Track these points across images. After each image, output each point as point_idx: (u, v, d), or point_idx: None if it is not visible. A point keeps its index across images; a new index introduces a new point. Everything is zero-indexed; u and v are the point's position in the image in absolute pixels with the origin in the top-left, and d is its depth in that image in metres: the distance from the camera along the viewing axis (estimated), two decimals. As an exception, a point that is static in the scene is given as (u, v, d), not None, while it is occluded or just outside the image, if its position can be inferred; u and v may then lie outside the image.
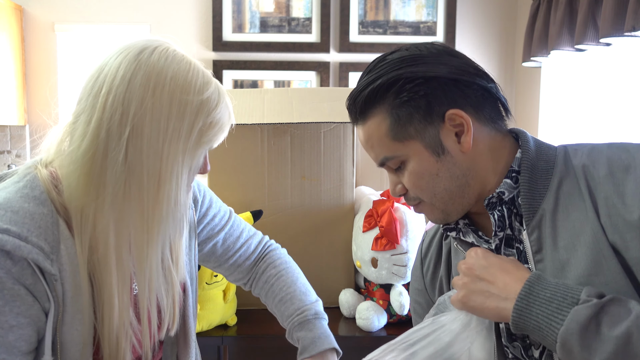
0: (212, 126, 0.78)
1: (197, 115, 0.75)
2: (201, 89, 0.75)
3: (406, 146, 0.75)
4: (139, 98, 0.71)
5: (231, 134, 1.31)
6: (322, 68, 2.44)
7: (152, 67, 0.73)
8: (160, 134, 0.72)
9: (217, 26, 2.40)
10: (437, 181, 0.75)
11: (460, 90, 0.73)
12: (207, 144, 0.79)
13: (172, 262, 0.87)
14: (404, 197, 0.81)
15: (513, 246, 0.76)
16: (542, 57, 1.99)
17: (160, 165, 0.73)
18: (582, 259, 0.66)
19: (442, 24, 2.45)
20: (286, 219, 1.42)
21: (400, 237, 1.32)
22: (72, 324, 0.73)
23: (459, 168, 0.75)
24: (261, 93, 1.47)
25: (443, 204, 0.77)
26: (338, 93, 1.50)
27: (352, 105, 0.79)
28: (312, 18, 2.44)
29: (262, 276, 1.08)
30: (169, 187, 0.74)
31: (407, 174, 0.76)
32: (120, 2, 2.36)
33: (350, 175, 1.44)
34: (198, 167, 0.80)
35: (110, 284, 0.75)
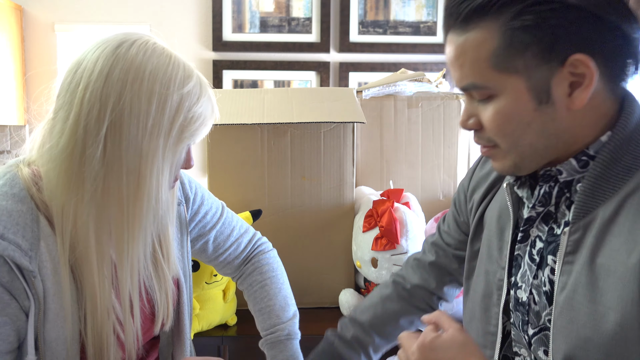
0: (194, 121, 0.75)
1: (177, 109, 0.73)
2: (182, 83, 0.74)
3: (505, 80, 0.62)
4: (116, 93, 0.69)
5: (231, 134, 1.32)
6: (322, 68, 2.44)
7: (131, 61, 0.71)
8: (139, 129, 0.71)
9: (217, 26, 2.40)
10: (525, 131, 0.63)
11: (598, 33, 0.59)
12: (189, 139, 0.77)
13: (163, 257, 0.87)
14: (474, 133, 0.70)
15: (548, 223, 0.69)
16: (542, 57, 1.99)
17: (140, 162, 0.72)
18: (614, 295, 0.58)
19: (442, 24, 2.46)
20: (286, 219, 1.42)
21: (400, 237, 1.32)
22: (55, 321, 0.73)
23: (555, 126, 0.63)
24: (261, 93, 1.47)
25: (520, 157, 0.66)
26: (338, 93, 1.50)
27: (455, 6, 0.63)
28: (312, 18, 2.44)
29: (247, 278, 1.08)
30: (150, 184, 0.73)
31: (492, 111, 0.64)
32: (120, 2, 2.36)
33: (350, 175, 1.44)
34: (180, 163, 0.79)
35: (92, 282, 0.74)
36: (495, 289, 0.75)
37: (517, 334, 0.73)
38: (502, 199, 0.77)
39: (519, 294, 0.72)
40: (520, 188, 0.72)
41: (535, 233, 0.71)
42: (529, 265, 0.71)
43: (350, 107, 1.40)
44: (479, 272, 0.80)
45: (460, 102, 1.61)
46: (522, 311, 0.71)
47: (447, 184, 1.62)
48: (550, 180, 0.67)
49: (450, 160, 1.61)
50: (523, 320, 0.71)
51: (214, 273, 1.25)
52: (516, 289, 0.72)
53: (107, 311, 0.76)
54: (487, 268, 0.78)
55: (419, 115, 1.60)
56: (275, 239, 1.17)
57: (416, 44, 2.43)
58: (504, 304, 0.74)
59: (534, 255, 0.70)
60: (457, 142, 1.61)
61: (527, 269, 0.71)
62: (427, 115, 1.60)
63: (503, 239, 0.76)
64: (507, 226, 0.75)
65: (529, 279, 0.70)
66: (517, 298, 0.72)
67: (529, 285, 0.70)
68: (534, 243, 0.71)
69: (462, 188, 0.91)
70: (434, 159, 1.61)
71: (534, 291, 0.70)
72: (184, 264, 0.95)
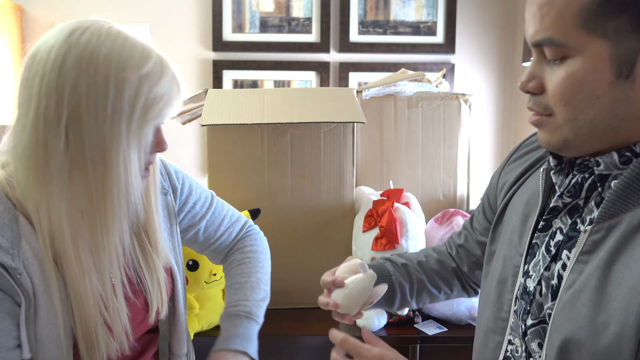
0: (157, 101, 0.74)
1: (137, 91, 0.71)
2: (139, 64, 0.72)
3: (589, 41, 0.56)
4: (72, 82, 0.68)
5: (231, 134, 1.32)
6: (322, 68, 2.44)
7: (84, 47, 0.70)
8: (99, 116, 0.69)
9: (217, 26, 2.40)
10: (591, 105, 0.58)
11: None
12: (154, 120, 0.75)
13: (152, 246, 0.86)
14: (530, 98, 0.65)
15: (573, 217, 0.66)
16: (542, 57, 1.99)
17: (104, 149, 0.71)
18: (620, 305, 0.56)
19: (442, 24, 2.45)
20: (286, 219, 1.42)
21: (400, 237, 1.32)
22: (47, 318, 0.73)
23: (625, 107, 0.58)
24: (261, 93, 1.47)
25: (574, 134, 0.61)
26: (338, 93, 1.50)
27: None
28: (312, 18, 2.44)
29: (229, 258, 1.07)
30: (117, 171, 0.72)
31: (562, 74, 0.59)
32: (120, 2, 2.36)
33: (350, 175, 1.44)
34: (148, 146, 0.77)
35: (73, 274, 0.74)
36: (511, 275, 0.74)
37: (516, 322, 0.72)
38: (533, 185, 0.75)
39: (528, 282, 0.70)
40: (556, 174, 0.69)
41: (558, 225, 0.68)
42: (544, 255, 0.69)
43: (350, 107, 1.40)
44: (498, 257, 0.79)
45: (460, 102, 1.61)
46: (526, 300, 0.70)
47: (447, 184, 1.62)
48: (586, 171, 0.63)
49: (450, 160, 1.61)
50: (525, 309, 0.70)
51: (213, 272, 1.25)
52: (527, 277, 0.71)
53: (93, 303, 0.75)
54: (506, 253, 0.76)
55: (419, 115, 1.60)
56: (275, 239, 1.17)
57: (416, 44, 2.43)
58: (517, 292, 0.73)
59: (551, 247, 0.68)
60: (457, 142, 1.61)
61: (540, 259, 0.69)
62: (427, 115, 1.60)
63: (526, 225, 0.74)
64: (533, 213, 0.73)
65: (540, 269, 0.69)
66: (525, 286, 0.70)
67: (538, 276, 0.69)
68: (554, 234, 0.68)
69: (497, 172, 0.89)
70: (434, 159, 1.61)
71: (543, 282, 0.68)
72: (176, 253, 0.95)
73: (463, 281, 0.98)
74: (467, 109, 1.61)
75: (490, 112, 2.52)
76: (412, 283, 0.96)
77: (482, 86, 2.51)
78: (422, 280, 0.97)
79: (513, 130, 2.55)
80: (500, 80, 2.52)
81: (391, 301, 0.96)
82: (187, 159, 2.40)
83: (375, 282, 0.85)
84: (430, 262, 0.99)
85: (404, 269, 0.97)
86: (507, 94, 2.53)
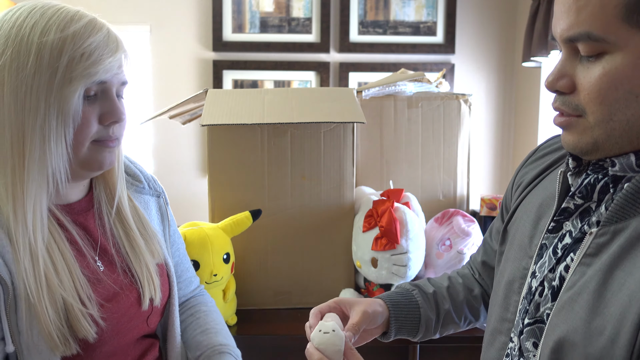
0: (84, 58, 0.73)
1: (60, 51, 0.72)
2: (65, 26, 0.73)
3: (631, 36, 0.53)
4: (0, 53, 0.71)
5: (231, 134, 1.32)
6: (322, 68, 2.44)
7: (14, 21, 0.73)
8: (20, 81, 0.71)
9: (217, 26, 2.40)
10: (628, 105, 0.55)
11: None
12: (82, 79, 0.73)
13: (132, 230, 0.88)
14: (558, 97, 0.62)
15: (584, 220, 0.64)
16: (542, 57, 1.99)
17: (23, 114, 0.72)
18: (616, 310, 0.55)
19: (442, 24, 2.45)
20: (286, 219, 1.42)
21: (400, 237, 1.32)
22: (28, 309, 0.72)
23: None
24: (261, 93, 1.47)
25: (605, 135, 0.58)
26: (338, 93, 1.50)
27: None
28: (312, 18, 2.44)
29: (190, 309, 1.07)
30: (32, 136, 0.72)
31: (599, 72, 0.56)
32: (120, 2, 2.36)
33: (350, 175, 1.44)
34: (74, 112, 0.74)
35: (27, 250, 0.73)
36: (519, 277, 0.73)
37: (517, 321, 0.72)
38: (548, 187, 0.73)
39: (533, 283, 0.70)
40: (573, 176, 0.67)
41: (568, 227, 0.67)
42: (550, 257, 0.68)
43: (350, 107, 1.40)
44: (507, 258, 0.78)
45: (460, 102, 1.61)
46: (528, 299, 0.70)
47: (447, 184, 1.62)
48: (600, 171, 0.62)
49: (450, 160, 1.61)
50: (525, 308, 0.70)
51: (213, 273, 1.25)
52: (532, 278, 0.71)
53: (58, 289, 0.74)
54: (515, 255, 0.76)
55: (419, 115, 1.60)
56: (275, 239, 1.17)
57: (416, 44, 2.43)
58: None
59: (558, 249, 0.67)
60: (457, 142, 1.61)
61: (546, 261, 0.69)
62: (427, 115, 1.60)
63: (537, 227, 0.72)
64: (546, 215, 0.71)
65: (545, 271, 0.68)
66: (530, 286, 0.70)
67: (542, 277, 0.69)
68: (563, 237, 0.67)
69: (513, 176, 0.88)
70: (434, 159, 1.61)
71: (545, 283, 0.68)
72: (166, 253, 0.96)
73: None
74: (467, 109, 1.61)
75: (490, 112, 2.52)
76: (439, 315, 0.93)
77: (482, 86, 2.51)
78: (449, 312, 0.93)
79: (513, 130, 2.55)
80: (500, 80, 2.52)
81: (414, 333, 0.92)
82: (187, 159, 2.40)
83: (401, 311, 0.90)
84: (458, 289, 0.96)
85: (433, 299, 0.93)
86: (507, 94, 2.53)
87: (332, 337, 0.75)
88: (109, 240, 0.86)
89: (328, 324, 0.77)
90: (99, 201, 0.88)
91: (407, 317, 0.90)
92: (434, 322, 0.93)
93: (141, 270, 0.87)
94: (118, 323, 0.82)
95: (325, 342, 0.75)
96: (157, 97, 2.36)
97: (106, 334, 0.80)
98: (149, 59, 2.35)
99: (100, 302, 0.80)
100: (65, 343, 0.73)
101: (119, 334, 0.83)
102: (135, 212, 0.92)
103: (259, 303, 1.46)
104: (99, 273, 0.82)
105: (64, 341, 0.73)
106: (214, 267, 1.25)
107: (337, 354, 0.75)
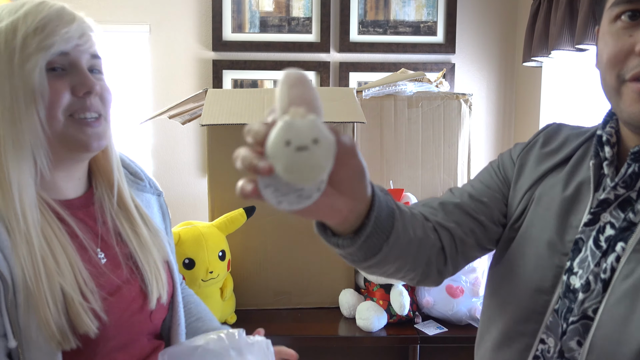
0: (37, 32, 0.74)
1: (14, 32, 0.74)
2: (17, 9, 0.75)
3: None
4: None
5: (231, 134, 1.31)
6: (322, 68, 2.44)
7: None
8: None
9: (217, 26, 2.39)
10: None
11: None
12: (37, 54, 0.74)
13: (135, 222, 0.88)
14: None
15: (625, 210, 0.65)
16: (543, 57, 1.99)
17: None
18: None
19: (442, 24, 2.45)
20: (286, 219, 1.42)
21: (401, 237, 1.31)
22: (27, 300, 0.72)
23: None
24: (261, 93, 1.47)
25: None
26: (338, 93, 1.49)
27: None
28: (312, 18, 2.44)
29: (183, 299, 1.07)
30: (4, 120, 0.73)
31: None
32: (120, 2, 2.36)
33: (350, 175, 1.44)
34: (40, 87, 0.75)
35: (22, 248, 0.73)
36: (551, 275, 0.70)
37: (555, 321, 0.69)
38: (568, 179, 0.72)
39: (572, 280, 0.67)
40: (608, 166, 0.67)
41: (607, 219, 0.66)
42: (592, 251, 0.66)
43: (350, 107, 1.40)
44: (523, 253, 0.75)
45: (460, 102, 1.61)
46: (570, 298, 0.67)
47: (447, 184, 1.62)
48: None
49: (450, 160, 1.61)
50: (568, 308, 0.67)
51: (209, 270, 1.25)
52: (570, 275, 0.68)
53: (57, 281, 0.74)
54: (539, 251, 0.72)
55: (419, 115, 1.59)
56: (275, 239, 1.17)
57: (416, 44, 2.43)
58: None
59: (601, 242, 0.66)
60: (457, 142, 1.61)
61: (588, 255, 0.66)
62: (427, 115, 1.59)
63: (567, 222, 0.70)
64: (576, 209, 0.70)
65: (589, 266, 0.66)
66: (568, 284, 0.67)
67: (587, 272, 0.66)
68: (603, 229, 0.66)
69: (510, 155, 0.84)
70: (434, 158, 1.61)
71: (591, 278, 0.65)
72: (172, 253, 0.97)
73: (446, 262, 0.77)
74: (467, 109, 1.61)
75: (491, 112, 2.52)
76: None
77: (483, 86, 2.51)
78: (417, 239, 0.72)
79: (513, 130, 2.54)
80: (500, 80, 2.52)
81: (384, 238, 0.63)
82: (187, 159, 2.39)
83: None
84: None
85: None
86: (508, 94, 2.53)
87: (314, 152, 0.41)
88: (111, 234, 0.86)
89: (300, 110, 0.43)
90: (100, 196, 0.88)
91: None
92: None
93: (148, 264, 0.87)
94: (121, 317, 0.82)
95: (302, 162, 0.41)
96: (157, 97, 2.35)
97: (108, 329, 0.79)
98: (149, 58, 2.35)
99: (103, 296, 0.79)
100: (63, 336, 0.73)
101: (121, 329, 0.82)
102: (138, 208, 0.92)
103: (259, 303, 1.46)
104: (101, 266, 0.82)
105: (61, 334, 0.72)
106: (210, 264, 1.25)
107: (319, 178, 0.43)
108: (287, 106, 0.44)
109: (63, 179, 0.83)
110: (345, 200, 0.53)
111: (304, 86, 0.45)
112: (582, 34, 1.67)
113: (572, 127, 0.82)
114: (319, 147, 0.41)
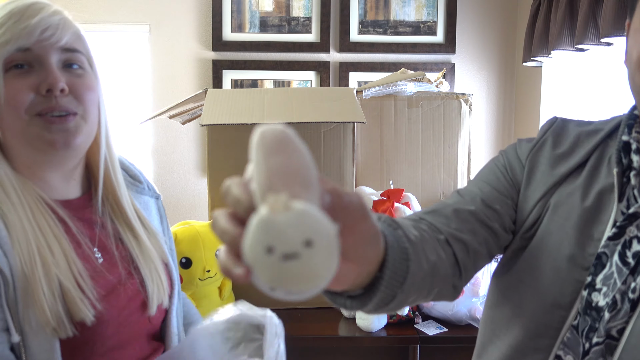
0: (1, 23, 0.74)
1: None
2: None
3: None
4: None
5: (231, 134, 1.31)
6: (322, 68, 2.44)
7: None
8: None
9: (217, 26, 2.39)
10: None
11: None
12: (6, 44, 0.74)
13: (142, 224, 0.89)
14: None
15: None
16: (543, 57, 1.99)
17: None
18: None
19: (442, 24, 2.45)
20: (286, 219, 1.42)
21: (401, 237, 1.31)
22: (25, 289, 0.72)
23: None
24: (261, 93, 1.47)
25: None
26: (338, 93, 1.49)
27: None
28: (312, 18, 2.44)
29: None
30: None
31: None
32: (120, 2, 2.36)
33: (350, 175, 1.43)
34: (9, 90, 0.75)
35: (19, 237, 0.74)
36: (570, 291, 0.66)
37: (575, 339, 0.65)
38: (587, 187, 0.68)
39: (595, 296, 0.63)
40: (637, 177, 0.63)
41: (634, 232, 0.62)
42: (619, 268, 0.62)
43: (350, 107, 1.40)
44: (538, 265, 0.70)
45: (460, 102, 1.60)
46: (593, 316, 0.63)
47: (447, 183, 1.62)
48: None
49: (450, 160, 1.61)
50: (591, 326, 0.63)
51: (206, 269, 1.25)
52: (592, 291, 0.64)
53: (56, 276, 0.74)
54: (557, 264, 0.68)
55: (419, 115, 1.59)
56: (275, 239, 1.17)
57: (416, 44, 2.43)
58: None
59: (628, 258, 0.62)
60: (457, 142, 1.61)
61: (614, 271, 0.63)
62: (427, 115, 1.59)
63: (588, 234, 0.66)
64: (599, 220, 0.66)
65: (616, 283, 0.62)
66: (589, 301, 0.64)
67: (612, 290, 0.62)
68: (629, 243, 0.62)
69: (517, 155, 0.78)
70: (434, 158, 1.61)
71: (618, 296, 0.62)
72: (170, 256, 0.96)
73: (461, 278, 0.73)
74: (467, 108, 1.61)
75: (490, 112, 2.52)
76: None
77: (483, 86, 2.51)
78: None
79: (513, 130, 2.54)
80: (500, 80, 2.52)
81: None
82: (187, 159, 2.39)
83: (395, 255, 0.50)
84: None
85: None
86: (508, 94, 2.53)
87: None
88: (110, 236, 0.86)
89: (281, 199, 0.31)
90: (97, 197, 0.88)
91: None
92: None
93: (149, 269, 0.87)
94: (119, 315, 0.82)
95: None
96: (157, 97, 2.35)
97: (106, 326, 0.79)
98: (148, 58, 2.35)
99: (99, 292, 0.79)
100: (59, 323, 0.72)
101: (119, 328, 0.82)
102: (137, 211, 0.92)
103: (258, 303, 1.46)
104: (98, 265, 0.82)
105: (57, 321, 0.72)
106: (207, 263, 1.25)
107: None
108: (265, 187, 0.31)
109: (59, 179, 0.83)
110: (353, 267, 0.42)
111: (286, 151, 0.32)
112: (582, 34, 1.67)
113: (578, 122, 0.78)
114: (314, 250, 0.30)
